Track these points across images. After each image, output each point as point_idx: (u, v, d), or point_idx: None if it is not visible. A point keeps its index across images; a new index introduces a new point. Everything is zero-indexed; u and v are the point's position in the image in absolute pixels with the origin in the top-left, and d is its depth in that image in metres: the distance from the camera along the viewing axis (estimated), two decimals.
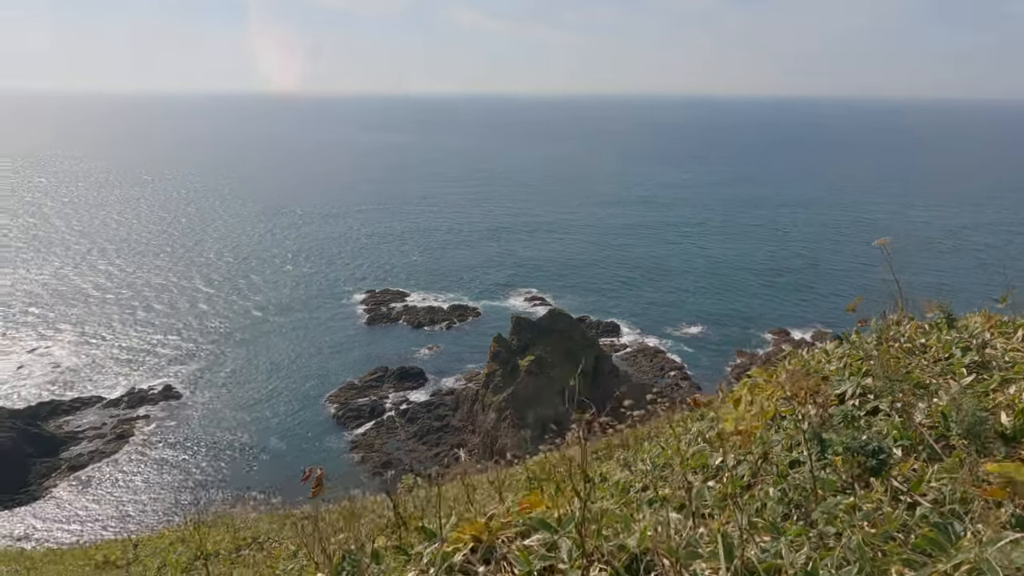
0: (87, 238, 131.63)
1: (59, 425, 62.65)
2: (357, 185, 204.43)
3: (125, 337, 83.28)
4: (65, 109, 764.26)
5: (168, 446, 59.71)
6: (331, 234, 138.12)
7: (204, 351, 79.38)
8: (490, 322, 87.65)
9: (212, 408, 66.28)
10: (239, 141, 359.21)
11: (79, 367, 74.97)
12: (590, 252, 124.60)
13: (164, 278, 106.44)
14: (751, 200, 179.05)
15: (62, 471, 55.80)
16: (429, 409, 65.79)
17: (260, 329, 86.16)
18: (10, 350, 78.93)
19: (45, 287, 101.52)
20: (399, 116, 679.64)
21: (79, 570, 11.02)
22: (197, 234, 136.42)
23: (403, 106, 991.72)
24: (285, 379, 72.72)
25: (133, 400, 67.46)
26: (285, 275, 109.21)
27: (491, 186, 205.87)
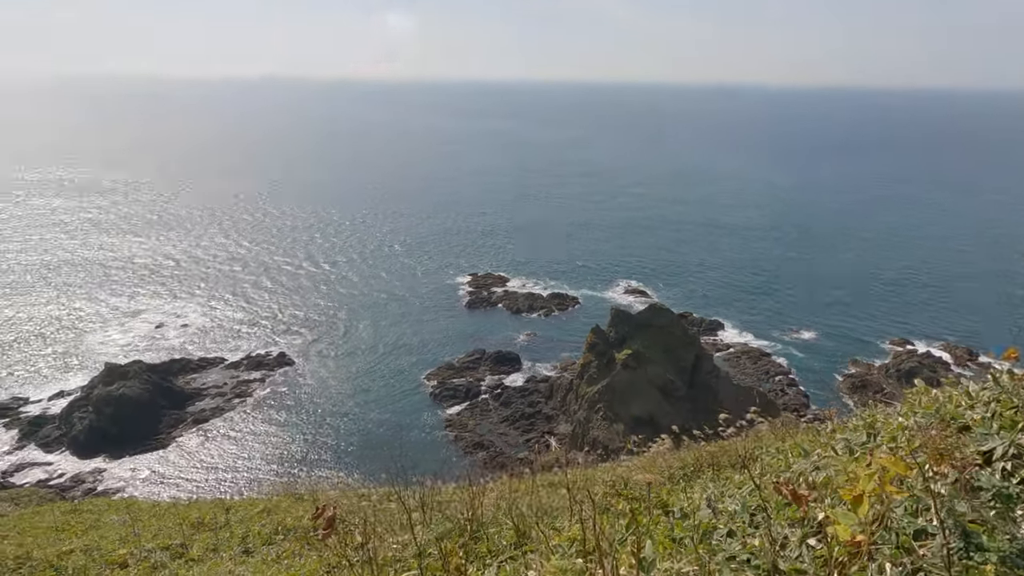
0: (220, 215, 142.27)
1: (187, 381, 68.24)
2: (458, 172, 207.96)
3: (248, 306, 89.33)
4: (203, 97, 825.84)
5: (278, 409, 63.55)
6: (438, 219, 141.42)
7: (316, 323, 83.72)
8: (589, 312, 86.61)
9: (320, 377, 69.83)
10: (358, 127, 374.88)
11: (207, 329, 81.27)
12: (699, 249, 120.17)
13: (286, 255, 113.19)
14: (883, 200, 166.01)
15: (187, 423, 60.76)
16: (523, 395, 66.02)
17: (367, 305, 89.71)
18: (151, 310, 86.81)
19: (184, 255, 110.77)
20: (512, 103, 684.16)
21: (176, 527, 11.60)
22: (316, 215, 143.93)
23: (512, 92, 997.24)
24: (387, 354, 75.35)
25: (251, 363, 72.30)
26: (394, 257, 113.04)
27: (597, 177, 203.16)
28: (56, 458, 55.56)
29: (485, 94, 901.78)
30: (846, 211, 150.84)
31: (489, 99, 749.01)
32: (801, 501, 2.74)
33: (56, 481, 51.86)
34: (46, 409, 62.05)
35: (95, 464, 54.70)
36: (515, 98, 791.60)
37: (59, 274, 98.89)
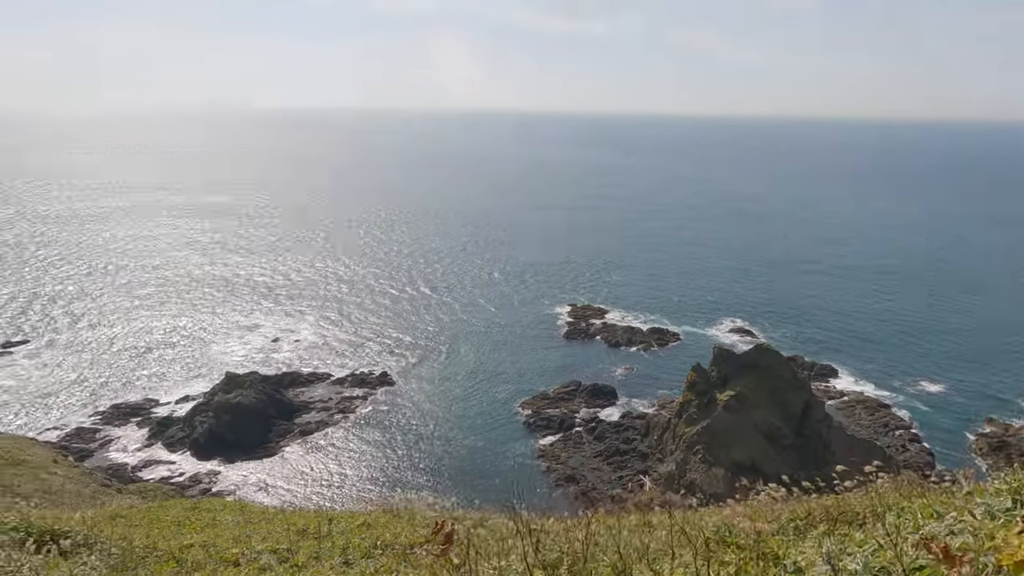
0: (334, 239, 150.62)
1: (296, 394, 72.03)
2: (563, 204, 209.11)
3: (354, 326, 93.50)
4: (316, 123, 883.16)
5: (377, 427, 65.64)
6: (538, 249, 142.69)
7: (416, 346, 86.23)
8: (689, 350, 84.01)
9: (418, 398, 71.64)
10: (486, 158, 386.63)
11: (317, 346, 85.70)
12: (813, 289, 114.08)
13: (390, 279, 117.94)
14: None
15: (294, 434, 63.98)
16: (618, 430, 64.65)
17: (466, 331, 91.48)
18: (268, 326, 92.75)
19: (299, 276, 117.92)
20: (623, 136, 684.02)
21: (283, 533, 12.19)
22: (419, 242, 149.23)
23: (623, 125, 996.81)
24: (484, 381, 76.26)
25: (355, 381, 75.36)
26: (493, 284, 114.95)
27: (705, 211, 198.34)
28: (178, 458, 59.99)
29: (596, 127, 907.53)
30: (982, 253, 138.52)
31: (597, 132, 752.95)
32: (954, 562, 2.51)
33: (176, 479, 55.91)
34: (173, 411, 67.34)
35: (211, 466, 58.59)
36: (622, 132, 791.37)
37: (190, 289, 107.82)
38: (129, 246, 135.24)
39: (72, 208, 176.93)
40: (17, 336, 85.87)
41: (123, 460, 58.82)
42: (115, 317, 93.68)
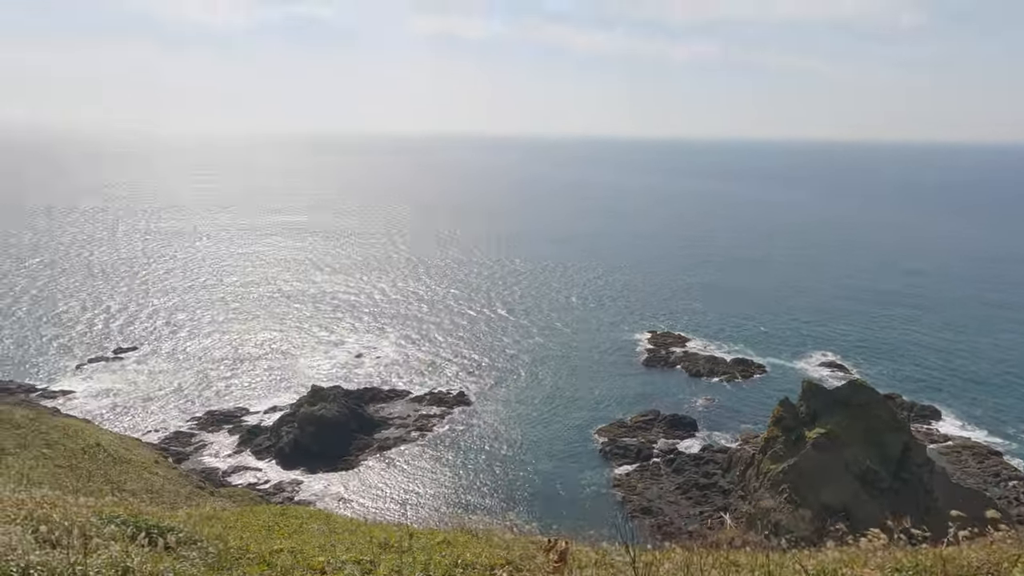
0: (416, 259, 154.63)
1: (376, 409, 73.84)
2: (654, 230, 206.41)
3: (433, 345, 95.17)
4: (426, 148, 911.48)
5: (453, 446, 66.23)
6: (622, 274, 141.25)
7: (492, 368, 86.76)
8: (776, 383, 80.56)
9: (494, 420, 71.88)
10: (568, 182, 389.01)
11: (397, 363, 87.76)
12: (909, 323, 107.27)
13: (468, 300, 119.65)
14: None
15: (373, 449, 65.48)
16: (698, 463, 62.49)
17: (542, 355, 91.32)
18: (352, 342, 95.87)
19: (382, 295, 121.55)
20: (720, 162, 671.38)
21: (365, 545, 12.44)
22: (500, 263, 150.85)
23: (706, 151, 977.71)
24: (560, 405, 75.71)
25: (433, 399, 76.52)
26: (571, 308, 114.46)
27: (794, 238, 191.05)
28: (264, 465, 62.54)
29: (694, 152, 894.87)
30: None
31: (697, 157, 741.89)
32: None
33: (262, 486, 58.24)
34: (261, 421, 70.42)
35: (295, 475, 60.72)
36: (722, 157, 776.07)
37: (280, 305, 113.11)
38: (227, 262, 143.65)
39: (179, 226, 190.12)
40: (127, 343, 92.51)
41: (215, 464, 61.89)
42: (211, 329, 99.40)
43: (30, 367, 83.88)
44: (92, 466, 27.33)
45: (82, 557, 7.84)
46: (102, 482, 23.30)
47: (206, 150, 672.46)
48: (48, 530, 8.34)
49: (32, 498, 8.86)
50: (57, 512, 8.50)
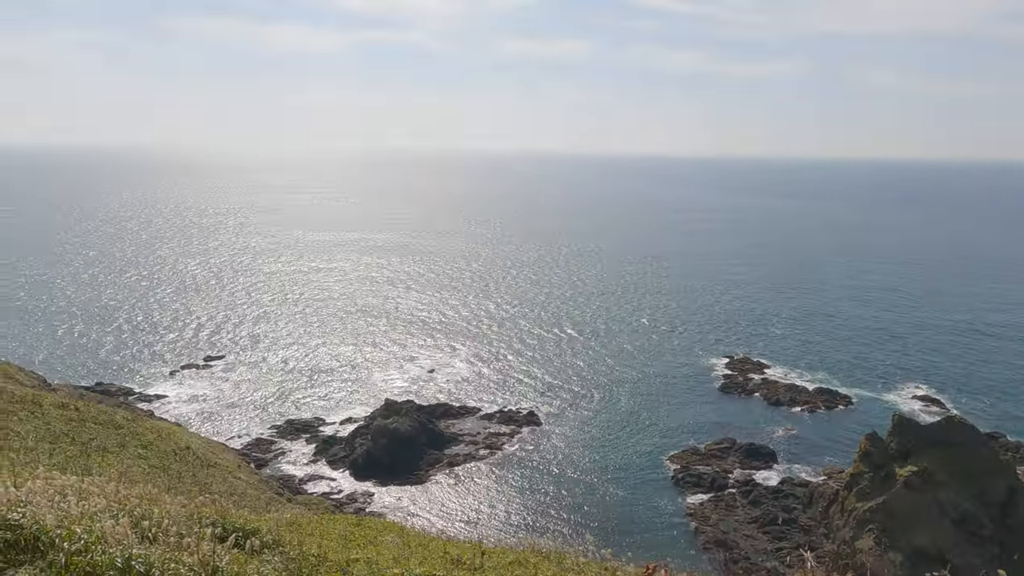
0: (488, 279, 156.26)
1: (447, 425, 74.63)
2: (728, 251, 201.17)
3: (504, 363, 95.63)
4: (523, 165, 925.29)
5: (522, 466, 65.99)
6: (694, 295, 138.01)
7: (565, 388, 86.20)
8: (863, 416, 76.35)
9: (563, 441, 71.25)
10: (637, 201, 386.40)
11: (469, 380, 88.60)
12: (1016, 358, 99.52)
13: (537, 320, 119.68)
14: None
15: (443, 464, 66.10)
16: (776, 496, 59.74)
17: (612, 377, 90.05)
18: (425, 357, 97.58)
19: (455, 313, 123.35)
20: (799, 181, 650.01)
21: (438, 560, 12.52)
22: (570, 283, 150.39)
23: (792, 169, 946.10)
24: (631, 429, 74.28)
25: (503, 418, 76.67)
26: (641, 331, 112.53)
27: (886, 262, 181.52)
28: (338, 475, 64.19)
29: (770, 171, 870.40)
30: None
31: (783, 177, 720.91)
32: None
33: (336, 496, 59.73)
34: (336, 431, 72.46)
35: (367, 486, 62.00)
36: (802, 176, 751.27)
37: (355, 320, 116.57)
38: (310, 277, 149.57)
39: (267, 242, 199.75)
40: (215, 352, 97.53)
41: (293, 472, 64.04)
42: (291, 340, 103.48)
43: (128, 372, 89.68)
44: (182, 467, 28.83)
45: (176, 553, 8.25)
46: (191, 483, 24.52)
47: (315, 168, 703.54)
48: (148, 526, 8.82)
49: (133, 495, 9.41)
50: (157, 508, 9.00)
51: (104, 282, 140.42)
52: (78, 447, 23.56)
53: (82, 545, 7.31)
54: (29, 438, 21.73)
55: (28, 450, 19.13)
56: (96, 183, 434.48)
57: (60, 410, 28.73)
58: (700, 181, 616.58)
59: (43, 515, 7.47)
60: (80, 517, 7.86)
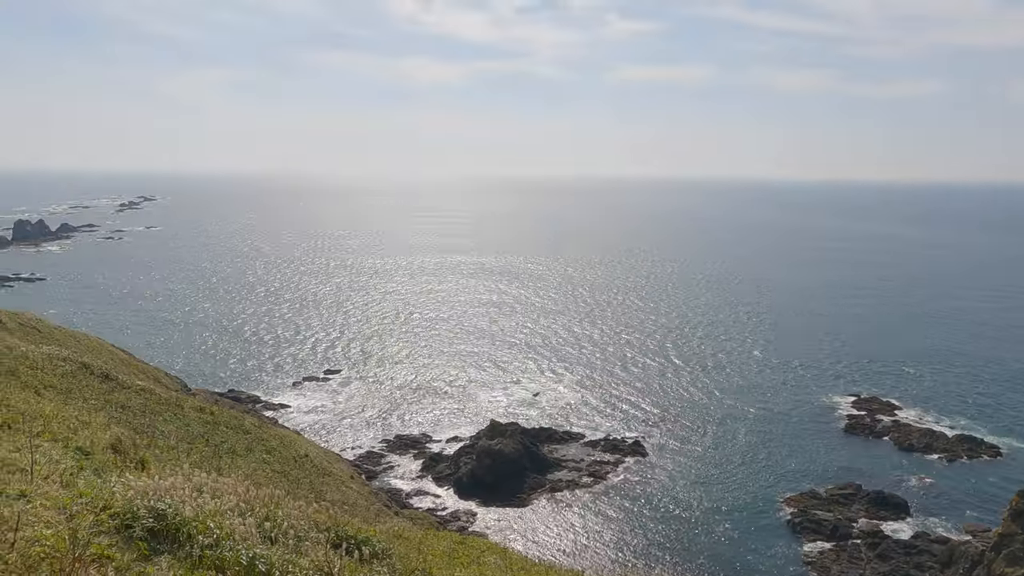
0: (597, 305, 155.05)
1: (551, 450, 74.22)
2: (857, 278, 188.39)
3: (608, 391, 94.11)
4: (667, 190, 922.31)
5: (626, 497, 64.28)
6: (814, 328, 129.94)
7: (672, 419, 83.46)
8: (1014, 468, 68.42)
9: (670, 474, 68.80)
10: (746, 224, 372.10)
11: (573, 406, 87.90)
12: None
13: (643, 348, 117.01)
14: None
15: (545, 489, 65.67)
16: (908, 552, 54.43)
17: (722, 409, 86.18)
18: (529, 380, 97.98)
19: (560, 338, 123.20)
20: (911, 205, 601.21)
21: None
22: (681, 314, 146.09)
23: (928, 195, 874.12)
24: (743, 467, 70.57)
25: (608, 446, 75.25)
26: (753, 362, 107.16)
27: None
28: (442, 492, 65.37)
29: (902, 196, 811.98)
30: None
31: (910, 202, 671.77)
32: None
33: (440, 512, 60.80)
34: (443, 449, 74.00)
35: (470, 505, 62.68)
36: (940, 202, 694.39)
37: (463, 341, 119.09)
38: (421, 298, 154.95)
39: (386, 263, 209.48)
40: (333, 366, 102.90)
41: (400, 486, 65.95)
42: (401, 358, 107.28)
43: (256, 381, 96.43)
44: (300, 474, 30.45)
45: (295, 556, 8.68)
46: (308, 490, 25.83)
47: (436, 194, 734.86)
48: (269, 527, 9.35)
49: (258, 496, 10.02)
50: (279, 511, 9.52)
51: (237, 297, 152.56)
52: (211, 448, 25.52)
53: (213, 540, 7.85)
54: (171, 437, 23.79)
55: (170, 448, 20.93)
56: (235, 207, 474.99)
57: (198, 413, 31.29)
58: (823, 207, 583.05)
59: (183, 508, 8.10)
60: (212, 513, 8.46)
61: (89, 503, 8.29)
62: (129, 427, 21.65)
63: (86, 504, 8.24)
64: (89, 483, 9.61)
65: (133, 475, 9.81)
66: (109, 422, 20.08)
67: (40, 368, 26.41)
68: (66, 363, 28.82)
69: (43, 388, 23.46)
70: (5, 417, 14.16)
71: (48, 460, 10.67)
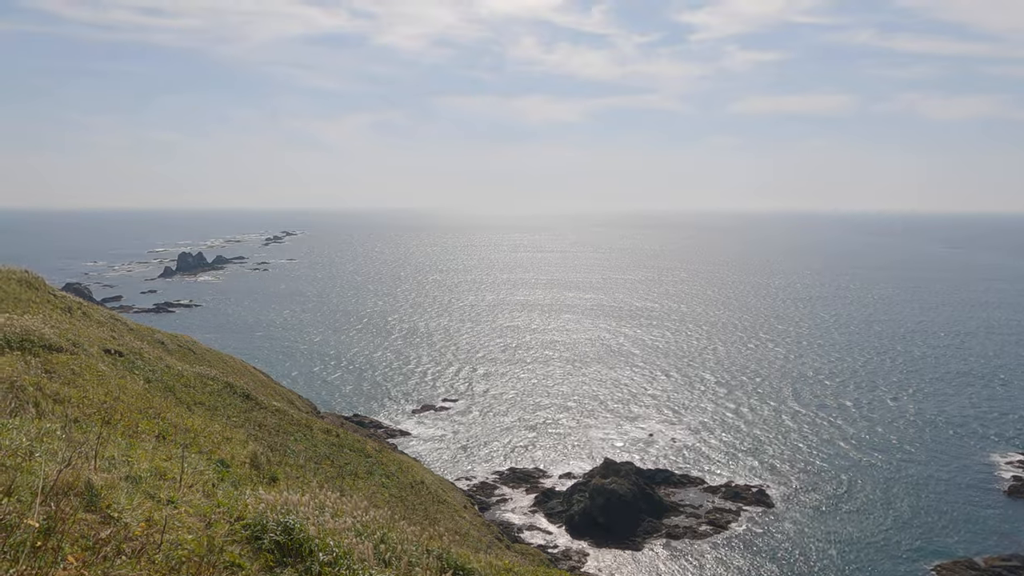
0: (715, 344, 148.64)
1: (667, 493, 71.30)
2: (1013, 324, 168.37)
3: (729, 434, 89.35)
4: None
5: (749, 550, 60.24)
6: (972, 379, 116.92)
7: (801, 469, 77.72)
8: None
9: (799, 529, 63.81)
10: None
11: (691, 448, 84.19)
12: None
13: (766, 390, 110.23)
14: None
15: (661, 534, 62.98)
16: None
17: (863, 462, 79.04)
18: (645, 419, 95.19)
19: (673, 378, 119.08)
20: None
21: None
22: (809, 348, 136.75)
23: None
24: (884, 527, 64.07)
25: (729, 493, 71.17)
26: (899, 410, 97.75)
27: None
28: (554, 529, 64.43)
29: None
30: None
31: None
32: None
33: (552, 549, 59.88)
34: (555, 485, 73.16)
35: (582, 545, 61.27)
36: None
37: (577, 377, 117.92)
38: (537, 336, 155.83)
39: (500, 297, 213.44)
40: (451, 396, 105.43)
41: (512, 519, 65.78)
42: (517, 391, 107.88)
43: (378, 407, 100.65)
44: (416, 500, 31.20)
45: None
46: (422, 516, 26.39)
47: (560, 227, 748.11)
48: (384, 549, 9.62)
49: (375, 518, 10.35)
50: (394, 534, 9.78)
51: (367, 328, 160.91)
52: (336, 469, 26.81)
53: (332, 557, 8.19)
54: (300, 456, 25.25)
55: (299, 466, 22.21)
56: (366, 241, 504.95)
57: (325, 435, 33.05)
58: (991, 243, 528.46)
59: (307, 525, 8.53)
60: (332, 532, 8.84)
61: (226, 512, 8.94)
62: (265, 444, 23.24)
63: (223, 513, 8.90)
64: (227, 494, 10.39)
65: (264, 489, 10.49)
66: (248, 439, 21.67)
67: (192, 386, 29.09)
68: (214, 382, 31.55)
69: (194, 404, 25.80)
70: (160, 429, 15.68)
71: (194, 470, 11.66)
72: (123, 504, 7.95)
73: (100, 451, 10.50)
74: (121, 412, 16.24)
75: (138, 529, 7.37)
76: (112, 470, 9.70)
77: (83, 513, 7.36)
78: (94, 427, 12.96)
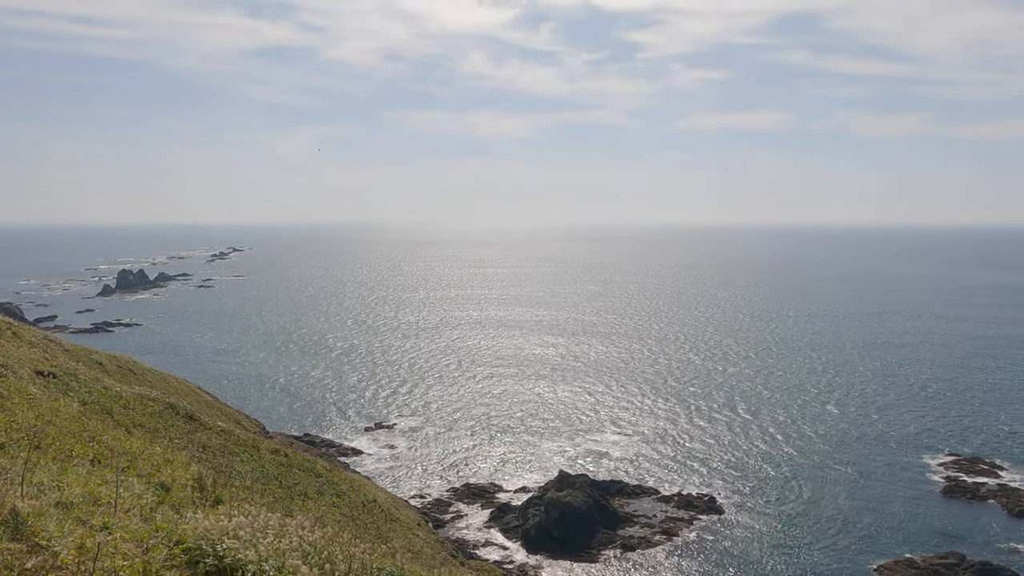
0: (667, 360, 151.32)
1: (621, 504, 71.87)
2: (969, 330, 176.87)
3: (680, 445, 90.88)
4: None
5: (701, 557, 61.17)
6: (895, 379, 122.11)
7: (748, 477, 79.51)
8: None
9: (749, 534, 65.17)
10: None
11: (644, 458, 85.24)
12: None
13: (713, 400, 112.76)
14: None
15: (616, 545, 63.36)
16: None
17: (802, 467, 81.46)
18: (599, 431, 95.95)
19: (629, 390, 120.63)
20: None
21: None
22: (751, 363, 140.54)
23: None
24: (827, 530, 66.02)
25: (681, 501, 72.24)
26: (828, 415, 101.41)
27: None
28: (510, 544, 64.12)
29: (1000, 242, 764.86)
30: None
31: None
32: None
33: (507, 565, 59.51)
34: (511, 499, 72.89)
35: (537, 559, 61.13)
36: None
37: (532, 391, 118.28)
38: (487, 351, 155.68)
39: (452, 314, 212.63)
40: (404, 414, 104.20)
41: (467, 536, 65.19)
42: (469, 408, 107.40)
43: (329, 425, 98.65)
44: (368, 519, 30.65)
45: None
46: (375, 535, 25.94)
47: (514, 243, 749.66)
48: (330, 568, 9.45)
49: (321, 536, 10.17)
50: (340, 552, 9.62)
51: (313, 346, 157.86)
52: (284, 489, 26.14)
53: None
54: (247, 477, 24.54)
55: (245, 488, 21.59)
56: (315, 255, 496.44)
57: (273, 455, 32.22)
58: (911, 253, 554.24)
59: (245, 549, 8.32)
60: (276, 553, 8.64)
61: (165, 537, 8.65)
62: (209, 466, 22.54)
63: (162, 538, 8.60)
64: (166, 518, 10.05)
65: (203, 512, 10.19)
66: (190, 460, 20.98)
67: (131, 408, 28.00)
68: (155, 403, 30.44)
69: (133, 426, 24.83)
70: (96, 453, 15.06)
71: (131, 494, 11.23)
72: (52, 531, 7.62)
73: (28, 477, 10.03)
74: (53, 436, 15.54)
75: (68, 557, 7.08)
76: (41, 496, 9.29)
77: (7, 543, 7.03)
78: (22, 452, 12.38)
